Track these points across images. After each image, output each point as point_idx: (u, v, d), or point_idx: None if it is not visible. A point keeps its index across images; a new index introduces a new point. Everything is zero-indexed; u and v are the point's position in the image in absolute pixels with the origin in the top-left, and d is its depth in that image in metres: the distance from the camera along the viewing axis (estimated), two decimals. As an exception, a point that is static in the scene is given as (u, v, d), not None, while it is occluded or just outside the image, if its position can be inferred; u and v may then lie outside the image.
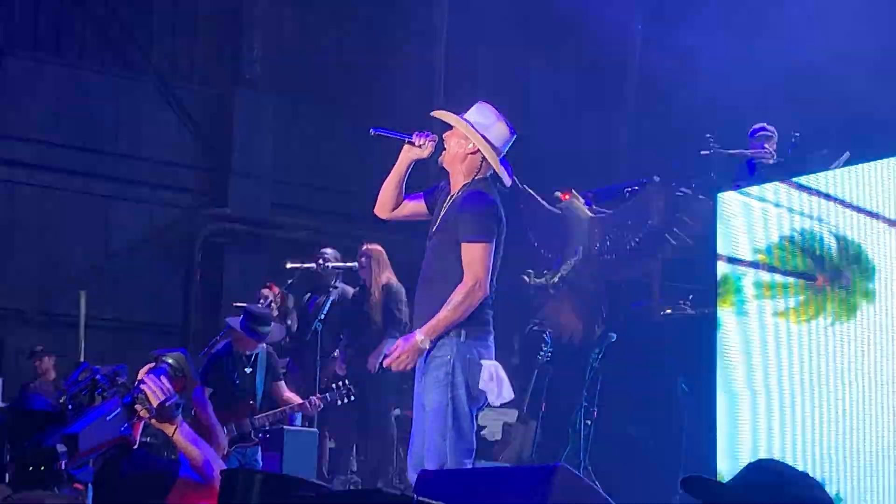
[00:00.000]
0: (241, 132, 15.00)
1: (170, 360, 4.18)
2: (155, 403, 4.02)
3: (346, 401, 9.24)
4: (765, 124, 10.39)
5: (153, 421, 4.10)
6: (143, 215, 14.63)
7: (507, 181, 6.03)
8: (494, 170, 5.95)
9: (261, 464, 8.80)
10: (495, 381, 5.72)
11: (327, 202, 15.49)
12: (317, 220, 15.15)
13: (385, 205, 6.18)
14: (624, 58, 13.92)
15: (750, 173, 9.94)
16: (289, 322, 11.33)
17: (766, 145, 10.13)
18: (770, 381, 7.96)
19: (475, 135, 5.91)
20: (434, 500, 3.16)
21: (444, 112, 6.08)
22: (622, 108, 14.12)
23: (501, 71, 14.64)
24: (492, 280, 5.82)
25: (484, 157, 5.92)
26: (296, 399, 9.21)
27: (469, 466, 5.69)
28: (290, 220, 15.14)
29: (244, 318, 9.05)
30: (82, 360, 12.61)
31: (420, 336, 5.71)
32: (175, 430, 4.14)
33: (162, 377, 4.09)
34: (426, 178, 6.63)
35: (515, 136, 6.01)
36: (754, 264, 8.15)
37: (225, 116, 15.06)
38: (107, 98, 14.37)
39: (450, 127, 6.01)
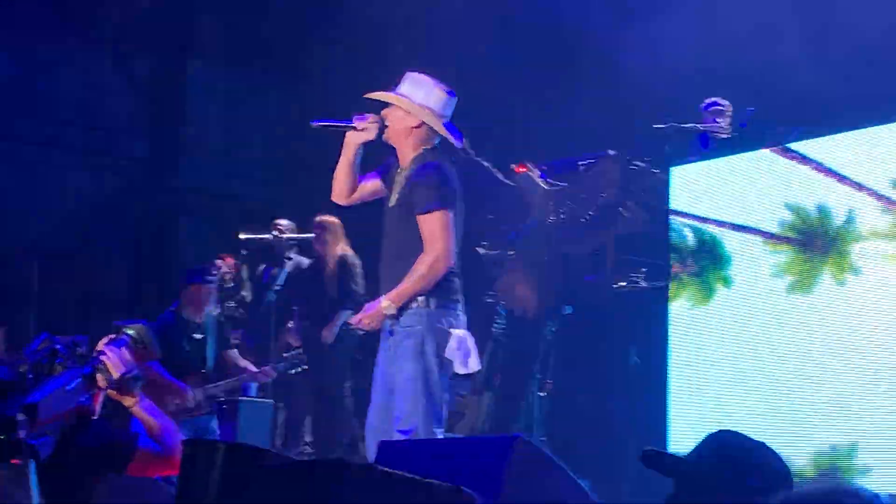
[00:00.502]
0: (193, 102, 14.91)
1: (130, 332, 4.18)
2: (115, 374, 4.02)
3: (298, 369, 9.23)
4: (718, 99, 10.44)
5: (113, 392, 4.10)
6: (94, 185, 14.52)
7: (458, 143, 6.06)
8: (442, 136, 5.98)
9: (217, 433, 8.79)
10: (462, 350, 5.75)
11: (281, 173, 15.44)
12: (270, 191, 15.10)
13: (341, 192, 6.21)
14: (579, 31, 13.91)
15: (703, 147, 9.98)
16: (243, 293, 11.31)
17: (719, 119, 10.18)
18: (724, 351, 8.03)
19: (416, 108, 5.92)
20: (396, 470, 3.17)
21: (379, 93, 6.09)
22: (577, 82, 14.12)
23: (459, 39, 14.60)
24: (457, 248, 5.85)
25: (428, 128, 5.94)
26: (249, 367, 9.19)
27: (440, 435, 5.73)
28: (243, 191, 15.07)
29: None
30: (33, 331, 12.56)
31: (385, 301, 5.75)
32: (135, 401, 4.15)
33: (122, 348, 4.09)
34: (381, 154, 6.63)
35: (455, 98, 6.03)
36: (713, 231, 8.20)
37: (177, 86, 14.95)
38: (58, 68, 14.23)
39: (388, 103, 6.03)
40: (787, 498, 1.91)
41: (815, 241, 7.58)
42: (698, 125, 10.03)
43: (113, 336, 4.19)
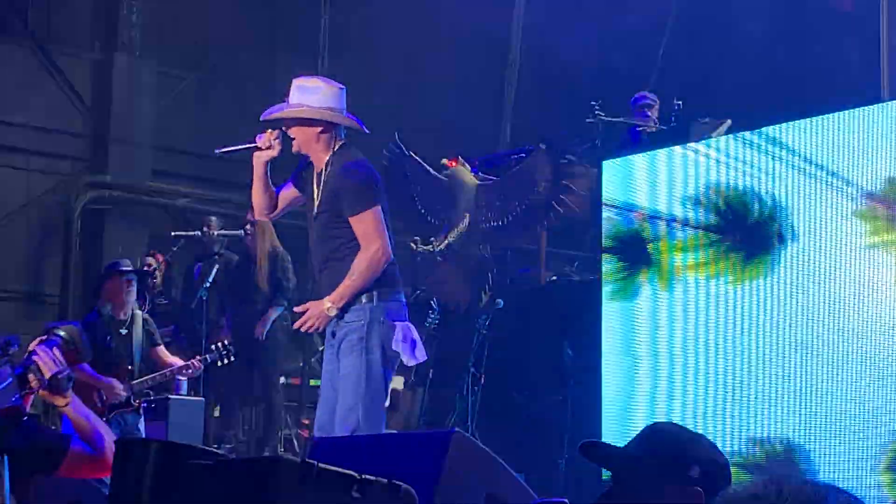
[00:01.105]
0: (120, 98, 14.74)
1: (62, 333, 4.16)
2: (47, 375, 4.00)
3: (226, 361, 9.14)
4: (646, 93, 10.52)
5: (44, 393, 4.07)
6: (20, 183, 14.31)
7: (365, 129, 6.09)
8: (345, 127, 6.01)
9: (143, 432, 8.68)
10: (409, 342, 5.77)
11: (209, 169, 15.31)
12: (198, 188, 14.99)
13: (261, 209, 6.26)
14: (508, 24, 13.95)
15: (633, 141, 10.05)
16: (173, 291, 11.23)
17: (649, 113, 10.26)
18: (657, 345, 8.07)
19: (316, 112, 5.93)
20: (332, 466, 3.15)
21: (274, 114, 6.08)
22: (508, 75, 14.16)
23: (385, 34, 14.57)
24: (391, 241, 5.87)
25: (333, 130, 5.96)
26: (177, 363, 9.08)
27: (382, 430, 5.74)
28: (170, 188, 14.94)
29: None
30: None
31: (328, 303, 5.76)
32: (67, 402, 4.12)
33: (54, 349, 4.06)
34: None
35: (344, 87, 6.06)
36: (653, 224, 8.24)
37: (104, 82, 14.77)
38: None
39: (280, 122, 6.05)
40: (732, 493, 1.90)
41: (740, 232, 7.62)
42: (628, 119, 10.11)
43: (44, 337, 4.16)
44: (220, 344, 9.16)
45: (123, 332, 8.92)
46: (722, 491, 1.96)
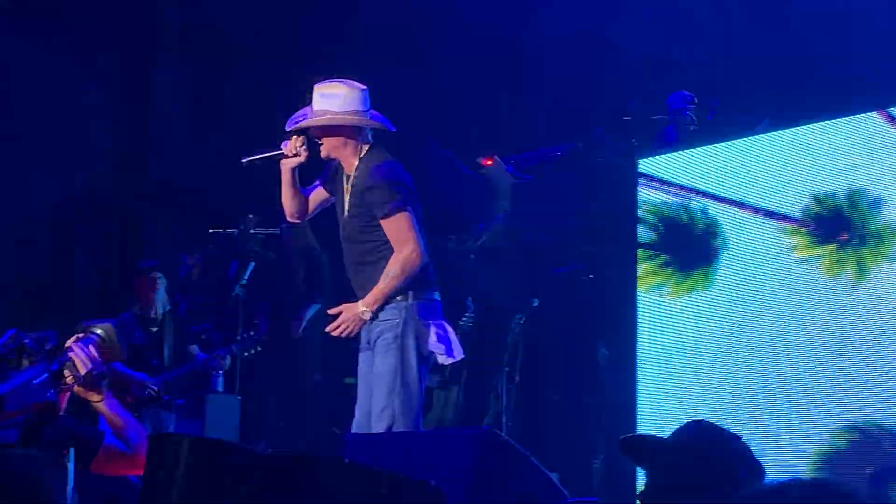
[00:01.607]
0: (159, 95, 14.82)
1: (99, 331, 4.21)
2: (82, 371, 4.04)
3: (253, 352, 9.17)
4: (684, 91, 10.46)
5: (79, 389, 4.11)
6: (58, 178, 14.41)
7: (391, 128, 6.07)
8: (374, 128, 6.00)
9: (171, 427, 8.71)
10: (444, 341, 5.76)
11: (248, 168, 15.36)
12: (236, 185, 15.03)
13: (292, 213, 6.31)
14: (541, 22, 13.92)
15: (669, 140, 10.01)
16: (210, 288, 11.27)
17: (687, 112, 10.21)
18: (693, 344, 8.03)
19: (340, 118, 5.92)
20: (364, 463, 3.16)
21: (297, 124, 6.06)
22: (544, 74, 14.12)
23: (418, 33, 14.57)
24: (425, 241, 5.86)
25: (359, 132, 5.94)
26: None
27: (418, 428, 5.74)
28: (208, 185, 15.00)
29: None
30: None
31: (362, 307, 5.75)
32: (101, 398, 4.15)
33: (90, 346, 4.10)
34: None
35: (366, 88, 6.04)
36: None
37: (143, 79, 14.86)
38: (23, 62, 14.12)
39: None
40: (749, 495, 1.90)
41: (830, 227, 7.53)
42: (666, 117, 10.06)
43: (81, 335, 4.21)
44: (245, 335, 9.20)
45: (154, 329, 9.00)
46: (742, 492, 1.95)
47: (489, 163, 9.73)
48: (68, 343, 4.18)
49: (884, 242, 7.14)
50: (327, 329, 5.93)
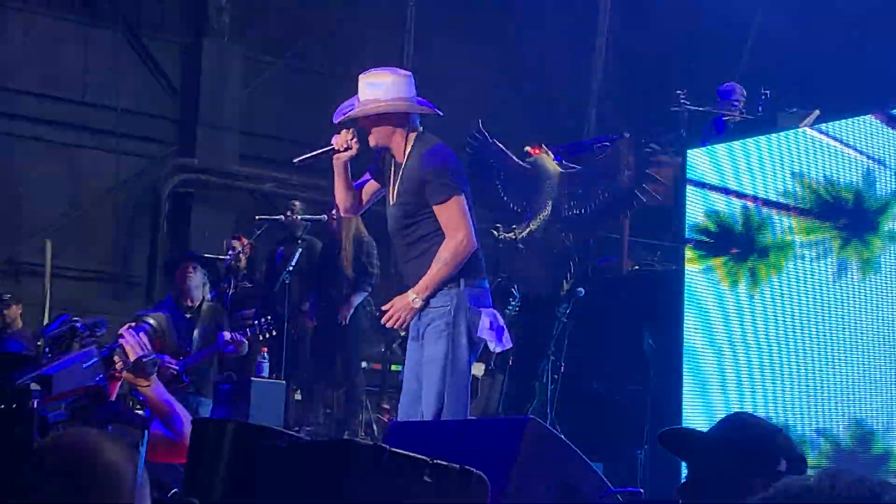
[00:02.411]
0: (208, 82, 14.90)
1: (151, 321, 4.30)
2: (132, 357, 4.12)
3: (267, 336, 9.22)
4: (734, 83, 10.40)
5: (128, 375, 4.17)
6: (109, 165, 14.53)
7: (439, 112, 6.05)
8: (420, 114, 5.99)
9: (202, 412, 8.78)
10: (495, 328, 5.74)
11: (295, 154, 15.41)
12: (284, 172, 15.10)
13: (346, 207, 6.26)
14: (595, 13, 13.88)
15: (718, 132, 9.96)
16: (257, 274, 11.33)
17: (736, 103, 10.15)
18: (738, 336, 7.99)
19: (387, 105, 5.90)
20: (406, 451, 3.16)
21: (345, 115, 6.05)
22: (593, 62, 14.09)
23: (472, 22, 14.57)
24: (475, 227, 5.84)
25: (407, 119, 5.92)
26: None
27: (466, 415, 5.73)
28: (257, 172, 15.08)
29: None
30: (48, 309, 12.58)
31: (412, 295, 5.73)
32: (149, 386, 4.21)
33: (141, 334, 4.17)
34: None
35: (410, 73, 6.02)
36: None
37: (192, 66, 14.95)
38: (73, 46, 14.24)
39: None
40: (787, 485, 1.88)
41: (848, 222, 7.47)
42: (714, 109, 10.01)
43: (133, 323, 4.29)
44: (260, 319, 9.26)
45: (188, 316, 9.12)
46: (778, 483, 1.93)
47: (537, 152, 9.69)
48: (121, 331, 4.25)
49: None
50: (382, 320, 5.90)
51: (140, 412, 4.45)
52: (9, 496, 2.37)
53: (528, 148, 9.76)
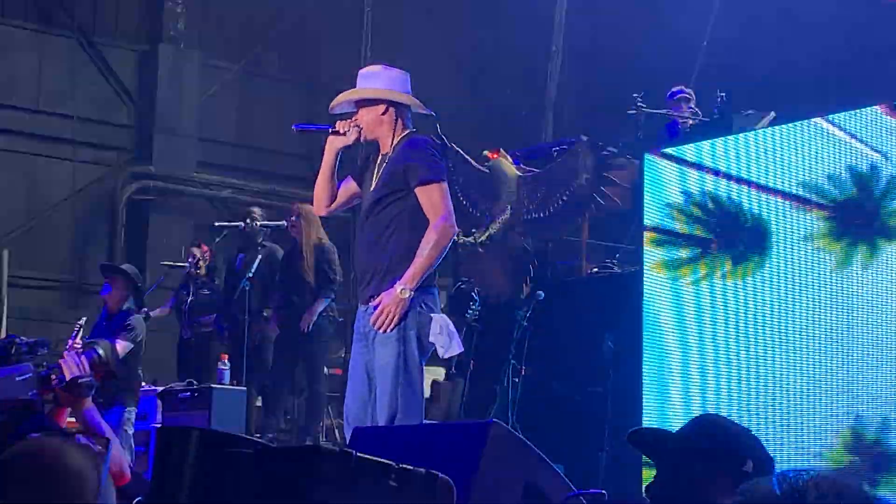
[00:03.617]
0: (164, 89, 14.84)
1: (99, 350, 4.45)
2: (67, 376, 4.24)
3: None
4: (683, 86, 10.46)
5: (62, 392, 4.29)
6: (66, 173, 14.44)
7: (431, 112, 6.08)
8: (412, 111, 5.99)
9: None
10: (445, 333, 5.70)
11: (252, 160, 15.41)
12: (242, 179, 15.08)
13: (323, 201, 6.16)
14: (552, 14, 13.93)
15: (671, 136, 10.02)
16: (216, 281, 11.31)
17: (684, 107, 10.21)
18: (696, 337, 8.04)
19: (381, 91, 5.93)
20: (371, 456, 3.17)
21: (340, 97, 6.06)
22: (550, 66, 14.14)
23: (428, 27, 14.59)
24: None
25: (397, 112, 5.94)
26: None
27: (420, 419, 5.70)
28: (214, 179, 15.04)
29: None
30: (5, 317, 12.51)
31: (400, 287, 5.61)
32: (81, 407, 4.31)
33: (82, 358, 4.29)
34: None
35: (408, 73, 6.05)
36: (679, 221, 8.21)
37: (149, 73, 14.89)
38: (28, 54, 14.15)
39: (354, 112, 6.03)
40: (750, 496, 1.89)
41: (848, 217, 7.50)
42: (670, 111, 10.08)
43: (81, 349, 4.45)
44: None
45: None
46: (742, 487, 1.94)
47: (495, 156, 9.73)
48: (64, 352, 4.42)
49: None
50: (371, 322, 5.71)
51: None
52: None
53: (486, 152, 9.80)
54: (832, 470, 6.87)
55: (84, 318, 8.88)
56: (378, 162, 5.97)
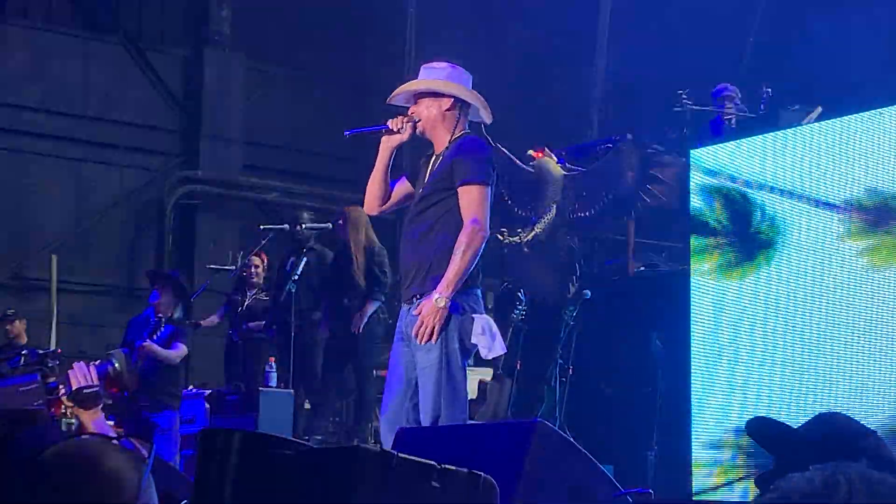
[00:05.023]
0: (210, 93, 14.92)
1: (115, 363, 4.48)
2: (74, 386, 4.25)
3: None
4: (727, 84, 10.37)
5: (69, 402, 4.30)
6: (113, 178, 14.55)
7: (488, 118, 6.00)
8: (477, 111, 5.92)
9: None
10: (488, 334, 5.64)
11: (298, 163, 15.45)
12: (288, 181, 15.12)
13: (375, 201, 6.04)
14: (596, 13, 13.88)
15: (715, 133, 9.94)
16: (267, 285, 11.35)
17: (728, 104, 10.12)
18: (746, 335, 7.97)
19: (451, 86, 5.85)
20: (414, 456, 3.15)
21: (404, 86, 5.98)
22: (595, 65, 14.09)
23: (473, 28, 14.57)
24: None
25: (460, 110, 5.86)
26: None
27: (464, 420, 5.66)
28: (260, 182, 15.09)
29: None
30: (55, 323, 12.60)
31: (436, 296, 5.52)
32: (90, 416, 4.32)
33: (91, 368, 4.33)
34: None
35: (471, 74, 5.98)
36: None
37: (195, 78, 14.97)
38: (76, 60, 14.26)
39: (404, 108, 5.96)
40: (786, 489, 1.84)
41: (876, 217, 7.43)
42: (715, 108, 10.00)
43: (97, 361, 4.47)
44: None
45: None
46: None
47: (540, 155, 9.69)
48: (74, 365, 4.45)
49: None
50: (413, 333, 5.63)
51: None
52: None
53: (531, 151, 9.76)
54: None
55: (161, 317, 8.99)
56: (432, 161, 5.89)
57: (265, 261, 11.21)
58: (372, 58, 14.62)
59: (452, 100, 5.83)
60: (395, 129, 5.85)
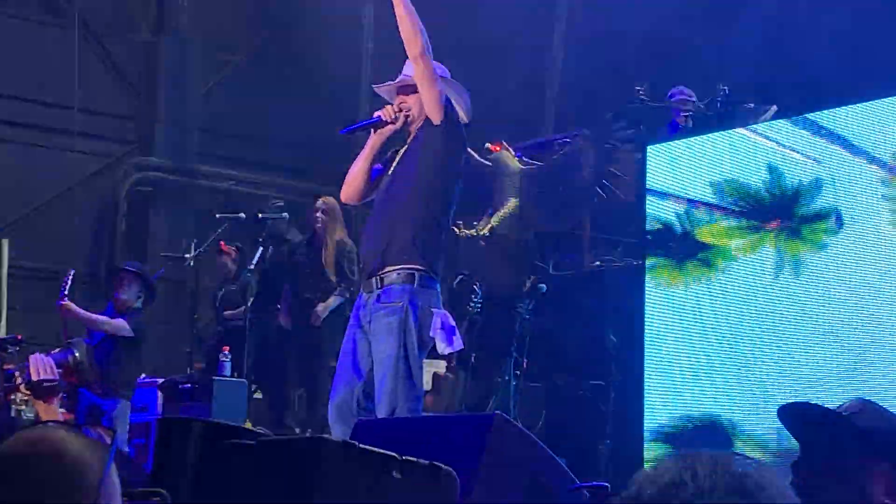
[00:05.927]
0: (167, 81, 14.81)
1: (76, 353, 4.50)
2: (33, 377, 4.23)
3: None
4: (682, 87, 10.41)
5: (27, 391, 4.30)
6: (67, 164, 14.42)
7: (466, 119, 6.05)
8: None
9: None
10: (446, 329, 5.68)
11: (254, 152, 15.38)
12: (244, 170, 15.06)
13: (356, 192, 6.05)
14: (552, 8, 13.92)
15: (671, 132, 9.99)
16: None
17: (683, 109, 10.16)
18: (697, 329, 8.04)
19: (449, 82, 5.94)
20: (375, 448, 3.16)
21: (389, 85, 6.01)
22: (552, 59, 14.12)
23: (429, 20, 14.54)
24: (448, 216, 5.81)
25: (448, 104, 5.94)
26: None
27: (419, 412, 5.68)
28: (216, 171, 15.01)
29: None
30: (4, 308, 12.50)
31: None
32: (46, 407, 4.31)
33: (49, 358, 4.32)
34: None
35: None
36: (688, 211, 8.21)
37: (151, 65, 14.86)
38: (30, 45, 14.12)
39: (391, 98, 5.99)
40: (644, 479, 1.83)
41: (786, 218, 7.57)
42: (672, 104, 10.05)
43: (57, 349, 4.48)
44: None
45: None
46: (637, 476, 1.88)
47: (498, 149, 9.72)
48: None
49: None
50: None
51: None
52: None
53: (488, 145, 9.78)
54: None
55: (73, 271, 8.95)
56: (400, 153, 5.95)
57: (233, 253, 11.20)
58: (330, 45, 14.56)
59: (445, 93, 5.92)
60: (388, 120, 5.88)
